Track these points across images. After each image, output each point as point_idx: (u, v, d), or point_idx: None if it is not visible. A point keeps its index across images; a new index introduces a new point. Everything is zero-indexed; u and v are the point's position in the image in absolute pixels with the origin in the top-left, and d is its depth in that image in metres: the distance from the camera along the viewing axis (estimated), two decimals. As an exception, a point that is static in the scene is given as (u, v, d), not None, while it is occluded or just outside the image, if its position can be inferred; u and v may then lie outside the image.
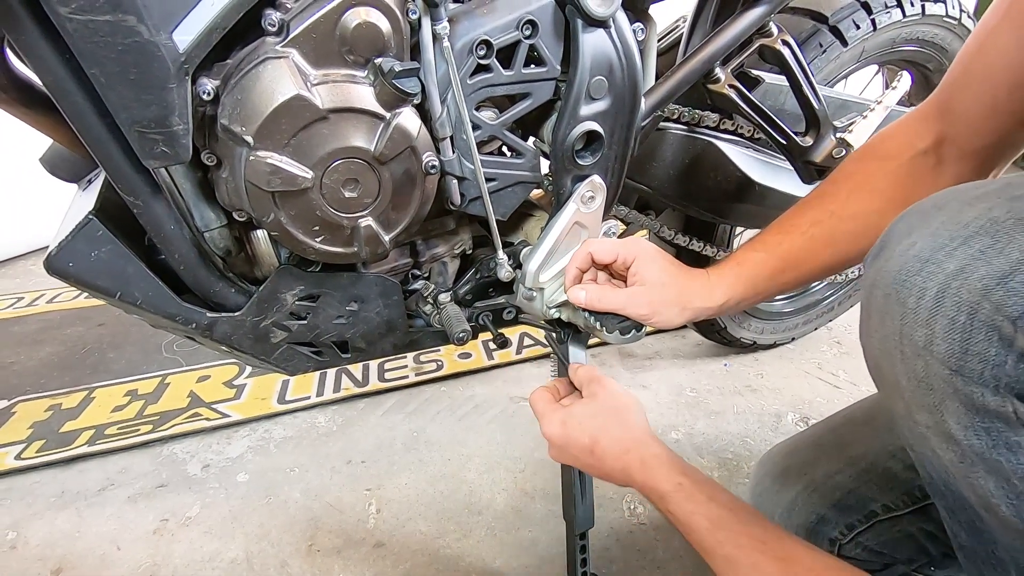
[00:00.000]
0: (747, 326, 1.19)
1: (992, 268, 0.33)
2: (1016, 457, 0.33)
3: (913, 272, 0.36)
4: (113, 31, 0.43)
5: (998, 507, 0.36)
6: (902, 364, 0.37)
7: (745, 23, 0.73)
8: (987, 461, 0.35)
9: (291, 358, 0.71)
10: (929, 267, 0.35)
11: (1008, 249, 0.33)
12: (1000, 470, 0.34)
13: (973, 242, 0.34)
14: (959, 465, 0.37)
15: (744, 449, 1.02)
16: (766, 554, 0.43)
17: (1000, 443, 0.34)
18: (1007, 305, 0.32)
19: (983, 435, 0.34)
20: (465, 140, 0.61)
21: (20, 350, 1.41)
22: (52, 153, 0.68)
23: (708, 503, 0.46)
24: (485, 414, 1.13)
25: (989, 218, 0.34)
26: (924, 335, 0.35)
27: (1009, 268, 0.32)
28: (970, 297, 0.33)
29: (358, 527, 0.90)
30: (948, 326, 0.34)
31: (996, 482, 0.35)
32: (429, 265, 0.75)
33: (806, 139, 0.82)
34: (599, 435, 0.53)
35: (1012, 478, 0.34)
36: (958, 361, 0.34)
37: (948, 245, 0.35)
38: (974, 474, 0.36)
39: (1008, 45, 0.48)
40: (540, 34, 0.60)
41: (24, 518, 0.93)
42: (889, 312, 0.38)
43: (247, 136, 0.50)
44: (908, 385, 0.38)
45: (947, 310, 0.34)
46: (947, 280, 0.34)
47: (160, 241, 0.57)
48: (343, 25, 0.51)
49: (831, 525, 0.67)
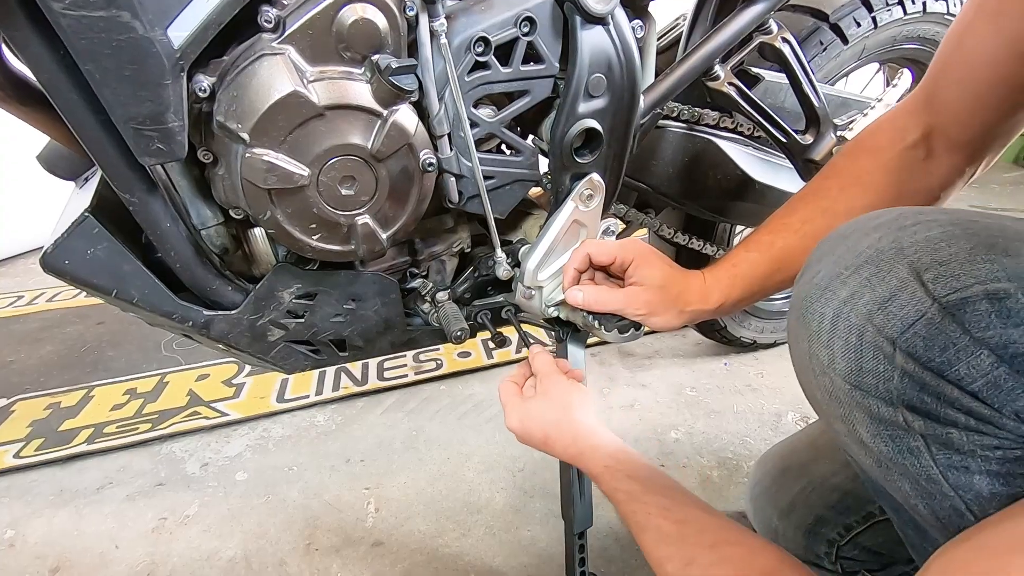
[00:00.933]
0: (747, 325, 1.19)
1: (875, 294, 0.36)
2: (918, 460, 0.36)
3: (814, 299, 0.40)
4: (107, 27, 0.43)
5: (916, 507, 0.38)
6: (815, 380, 0.41)
7: (745, 20, 0.73)
8: (897, 465, 0.38)
9: (288, 356, 0.71)
10: (827, 294, 0.39)
11: (888, 277, 0.36)
12: (908, 473, 0.37)
13: (862, 271, 0.38)
14: (877, 469, 0.40)
15: (744, 448, 1.02)
16: (667, 519, 0.48)
17: (904, 448, 0.37)
18: (886, 328, 0.35)
19: (889, 442, 0.37)
20: (463, 138, 0.60)
21: (20, 348, 1.41)
22: (50, 151, 0.68)
23: (626, 480, 0.52)
24: (484, 413, 1.13)
25: (876, 248, 0.38)
26: (827, 355, 0.39)
27: (888, 294, 0.36)
28: (858, 321, 0.37)
29: (357, 526, 0.90)
30: (843, 347, 0.38)
31: (910, 485, 0.38)
32: (427, 263, 0.75)
33: (806, 137, 0.82)
34: (549, 430, 0.58)
35: (920, 480, 0.37)
36: (856, 378, 0.37)
37: (843, 273, 0.39)
38: (891, 477, 0.39)
39: (984, 39, 0.49)
40: (538, 31, 0.59)
41: (23, 516, 0.93)
42: (799, 335, 0.41)
43: (243, 133, 0.50)
44: (822, 399, 0.41)
45: (841, 332, 0.38)
46: (840, 306, 0.38)
47: (156, 239, 0.57)
48: (340, 21, 0.51)
49: (829, 526, 0.67)
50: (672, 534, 0.47)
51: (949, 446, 0.35)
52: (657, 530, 0.48)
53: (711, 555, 0.44)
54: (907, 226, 0.38)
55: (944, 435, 0.35)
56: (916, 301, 0.35)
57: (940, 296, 0.34)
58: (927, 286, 0.35)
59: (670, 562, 0.46)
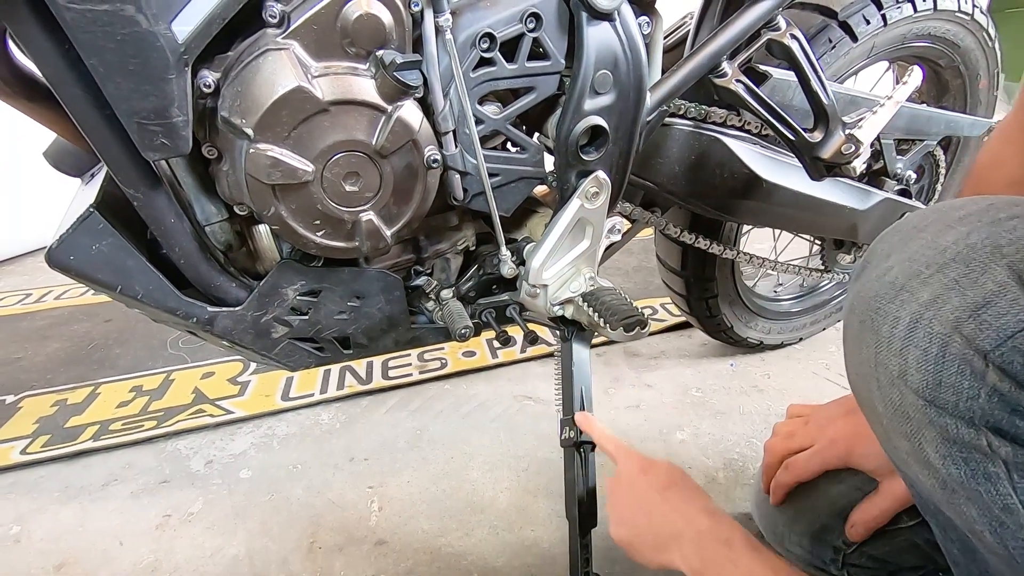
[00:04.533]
0: (754, 326, 1.18)
1: (965, 299, 0.32)
2: (995, 487, 0.32)
3: (887, 300, 0.35)
4: (111, 20, 0.43)
5: (982, 533, 0.35)
6: (878, 391, 0.37)
7: (752, 17, 0.72)
8: (967, 490, 0.34)
9: (292, 354, 0.71)
10: (903, 295, 0.35)
11: (982, 279, 0.32)
12: (980, 500, 0.34)
13: (948, 270, 0.33)
14: (941, 492, 0.36)
15: (750, 450, 1.01)
16: None
17: (979, 473, 0.33)
18: (978, 339, 0.31)
19: (961, 464, 0.33)
20: (468, 134, 0.60)
21: (27, 345, 1.42)
22: (56, 147, 0.68)
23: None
24: (488, 412, 1.12)
25: (966, 244, 0.33)
26: (898, 365, 0.34)
27: (982, 300, 0.31)
28: (942, 329, 0.32)
29: (360, 524, 0.89)
30: (921, 357, 0.33)
31: (979, 511, 0.34)
32: (432, 261, 0.75)
33: (814, 135, 0.81)
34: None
35: (993, 508, 0.33)
36: (932, 392, 0.33)
37: (923, 272, 0.34)
38: (956, 501, 0.35)
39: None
40: (544, 27, 0.59)
41: (28, 512, 0.93)
42: (864, 339, 0.37)
43: (247, 128, 0.50)
44: (885, 412, 0.37)
45: (919, 341, 0.33)
46: (920, 310, 0.33)
47: (161, 235, 0.57)
48: (344, 17, 0.51)
49: (835, 534, 0.66)
50: None
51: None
52: None
53: None
54: (1002, 219, 0.33)
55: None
56: (1017, 310, 0.30)
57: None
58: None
59: None
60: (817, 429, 0.67)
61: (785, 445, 0.68)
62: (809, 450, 0.66)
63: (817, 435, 0.66)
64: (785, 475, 0.67)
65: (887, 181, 1.01)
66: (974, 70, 1.05)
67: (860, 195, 0.96)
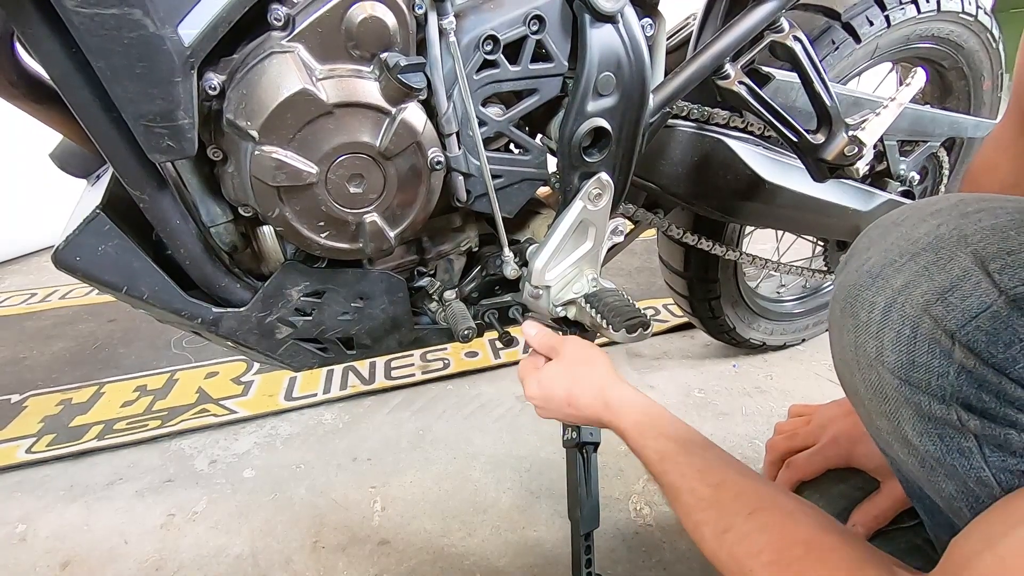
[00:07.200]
0: (756, 327, 1.18)
1: (933, 284, 0.34)
2: (968, 461, 0.34)
3: (865, 287, 0.38)
4: (118, 24, 0.43)
5: (961, 510, 0.37)
6: (859, 374, 0.39)
7: (756, 19, 0.72)
8: (944, 466, 0.36)
9: (296, 354, 0.71)
10: (879, 282, 0.37)
11: (949, 266, 0.34)
12: (956, 475, 0.35)
13: (919, 258, 0.36)
14: (920, 470, 0.38)
15: (752, 450, 1.01)
16: (702, 482, 0.46)
17: (953, 448, 0.35)
18: (945, 320, 0.33)
19: (937, 441, 0.35)
20: (471, 136, 0.60)
21: (32, 345, 1.43)
22: (62, 149, 0.69)
23: (658, 438, 0.50)
24: (491, 413, 1.12)
25: (936, 235, 0.36)
26: (875, 347, 0.37)
27: (949, 284, 0.34)
28: (913, 311, 0.35)
29: (363, 524, 0.90)
30: (895, 339, 0.35)
31: (956, 486, 0.36)
32: (435, 262, 0.75)
33: (817, 136, 0.81)
34: (572, 387, 0.57)
35: (968, 482, 0.35)
36: (906, 372, 0.35)
37: (897, 261, 0.37)
38: (935, 478, 0.37)
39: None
40: (547, 29, 0.59)
41: (34, 511, 0.94)
42: (845, 325, 0.39)
43: (252, 131, 0.50)
44: (866, 394, 0.39)
45: (893, 323, 0.35)
46: (893, 295, 0.36)
47: (166, 236, 0.57)
48: (349, 20, 0.51)
49: None
50: (707, 498, 0.45)
51: (1005, 448, 0.33)
52: (691, 493, 0.46)
53: (749, 523, 0.42)
54: (970, 212, 0.35)
55: (1002, 436, 0.33)
56: (980, 292, 0.32)
57: (1008, 288, 0.32)
58: (993, 277, 0.32)
59: (706, 526, 0.44)
60: (819, 428, 0.67)
61: (787, 444, 0.69)
62: (811, 449, 0.66)
63: (819, 434, 0.66)
64: (787, 474, 0.67)
65: (890, 182, 1.01)
66: (978, 71, 1.05)
67: (863, 196, 0.96)
